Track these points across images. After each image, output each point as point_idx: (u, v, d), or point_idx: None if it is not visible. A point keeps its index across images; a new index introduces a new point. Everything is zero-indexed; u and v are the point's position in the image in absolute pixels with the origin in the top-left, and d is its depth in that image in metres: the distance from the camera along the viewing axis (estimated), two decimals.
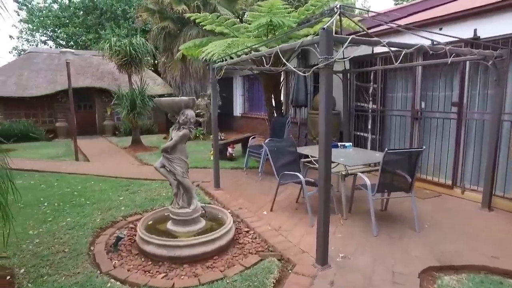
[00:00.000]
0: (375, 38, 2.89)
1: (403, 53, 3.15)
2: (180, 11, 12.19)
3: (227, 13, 12.33)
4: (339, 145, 5.19)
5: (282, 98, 8.62)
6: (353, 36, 3.02)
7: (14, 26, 30.28)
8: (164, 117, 14.50)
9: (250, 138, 7.67)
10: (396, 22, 4.59)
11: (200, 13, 8.26)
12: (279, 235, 3.83)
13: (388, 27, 5.56)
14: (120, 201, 5.13)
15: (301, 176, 4.20)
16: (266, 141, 6.29)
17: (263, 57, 3.84)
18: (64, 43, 20.43)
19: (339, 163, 4.24)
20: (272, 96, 7.79)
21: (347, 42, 2.79)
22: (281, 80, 8.53)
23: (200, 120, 12.26)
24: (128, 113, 9.63)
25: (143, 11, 13.62)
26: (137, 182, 6.26)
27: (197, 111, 12.07)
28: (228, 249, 3.54)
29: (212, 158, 7.93)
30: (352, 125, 7.29)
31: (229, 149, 8.02)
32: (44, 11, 20.63)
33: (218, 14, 7.17)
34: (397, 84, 6.42)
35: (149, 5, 13.43)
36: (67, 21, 19.84)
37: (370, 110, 6.93)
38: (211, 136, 12.24)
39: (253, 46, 5.22)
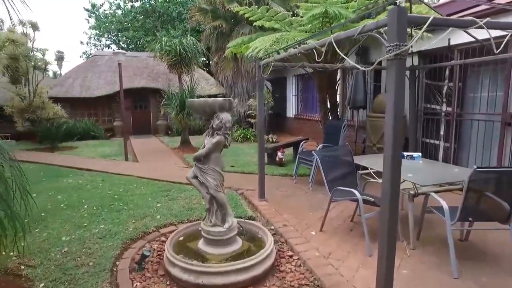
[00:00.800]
0: (470, 18, 2.10)
1: (507, 38, 2.30)
2: (232, 9, 11.88)
3: (281, 10, 11.77)
4: (405, 155, 4.33)
5: (338, 99, 7.80)
6: (435, 16, 2.24)
7: (85, 32, 32.86)
8: None
9: (302, 142, 6.99)
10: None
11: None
12: (329, 264, 3.16)
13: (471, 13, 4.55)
14: (157, 208, 4.81)
15: (358, 194, 3.47)
16: (318, 148, 5.61)
17: (316, 53, 3.18)
18: (125, 46, 21.50)
19: (406, 180, 3.44)
20: (327, 96, 7.05)
21: (426, 24, 2.04)
22: (337, 79, 7.72)
23: (252, 121, 11.85)
24: (177, 113, 9.51)
25: (196, 11, 13.59)
26: (178, 187, 5.95)
27: (248, 112, 11.64)
28: (265, 279, 2.96)
29: None
30: (420, 130, 6.28)
31: (279, 154, 7.43)
32: (109, 17, 21.90)
33: (268, 7, 6.61)
34: (481, 82, 5.33)
35: (202, 5, 13.34)
36: (128, 25, 20.83)
37: (443, 113, 5.90)
38: None
39: (304, 40, 4.57)
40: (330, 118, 7.12)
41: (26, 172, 7.83)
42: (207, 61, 19.76)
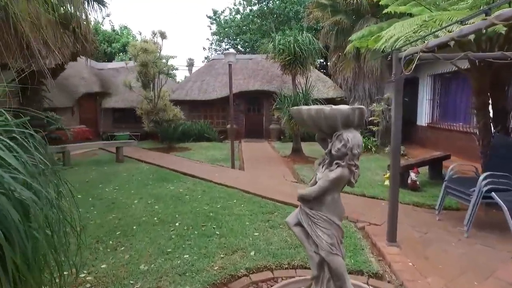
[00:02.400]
0: None
1: None
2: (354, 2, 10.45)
3: None
4: None
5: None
6: None
7: (207, 39, 35.42)
8: None
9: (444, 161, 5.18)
10: None
11: (378, 5, 6.33)
12: None
13: None
14: (253, 239, 3.89)
15: None
16: (484, 177, 3.85)
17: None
18: (242, 49, 21.95)
19: None
20: (490, 101, 5.07)
21: None
22: None
23: (374, 129, 10.15)
24: (289, 118, 8.61)
25: (314, 7, 12.53)
26: (284, 210, 4.96)
27: (370, 119, 9.98)
28: None
29: (386, 182, 5.88)
30: None
31: (412, 175, 5.75)
32: (228, 23, 22.73)
33: None
34: None
35: (321, 0, 12.19)
36: (246, 28, 21.16)
37: None
38: (386, 148, 10.12)
39: (467, 20, 2.98)
40: (494, 130, 5.10)
41: (139, 173, 7.58)
42: (324, 62, 18.51)
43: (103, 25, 23.02)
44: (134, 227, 4.32)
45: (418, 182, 5.77)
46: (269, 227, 4.28)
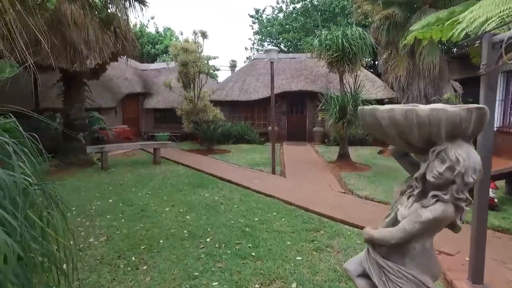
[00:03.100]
0: None
1: None
2: None
3: None
4: None
5: None
6: None
7: (249, 39, 35.17)
8: None
9: None
10: None
11: None
12: None
13: None
14: (295, 266, 3.25)
15: None
16: None
17: None
18: (285, 48, 21.26)
19: None
20: None
21: None
22: None
23: None
24: (336, 120, 7.84)
25: (363, 0, 11.55)
26: (331, 227, 4.27)
27: None
28: None
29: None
30: None
31: (490, 191, 4.75)
32: (271, 21, 22.15)
33: None
34: None
35: None
36: (289, 27, 20.45)
37: None
38: None
39: None
40: None
41: (174, 177, 7.23)
42: (372, 61, 17.31)
43: (147, 28, 23.53)
44: (161, 241, 3.87)
45: (496, 200, 4.77)
46: (314, 250, 3.62)
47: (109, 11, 8.44)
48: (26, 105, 9.24)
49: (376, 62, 15.49)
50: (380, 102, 11.10)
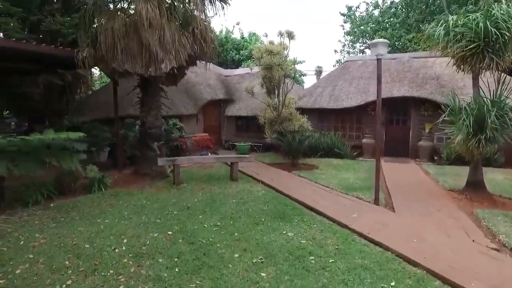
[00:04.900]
0: None
1: None
2: None
3: None
4: None
5: None
6: None
7: (339, 41, 32.86)
8: None
9: None
10: None
11: None
12: None
13: None
14: None
15: None
16: None
17: None
18: None
19: None
20: None
21: None
22: None
23: None
24: (468, 137, 5.67)
25: None
26: None
27: None
28: None
29: None
30: None
31: None
32: (365, 19, 19.85)
33: None
34: None
35: None
36: (387, 24, 17.93)
37: None
38: None
39: None
40: None
41: (252, 201, 6.09)
42: None
43: (232, 33, 23.26)
44: None
45: None
46: None
47: (187, 9, 7.64)
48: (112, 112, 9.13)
49: None
50: None
